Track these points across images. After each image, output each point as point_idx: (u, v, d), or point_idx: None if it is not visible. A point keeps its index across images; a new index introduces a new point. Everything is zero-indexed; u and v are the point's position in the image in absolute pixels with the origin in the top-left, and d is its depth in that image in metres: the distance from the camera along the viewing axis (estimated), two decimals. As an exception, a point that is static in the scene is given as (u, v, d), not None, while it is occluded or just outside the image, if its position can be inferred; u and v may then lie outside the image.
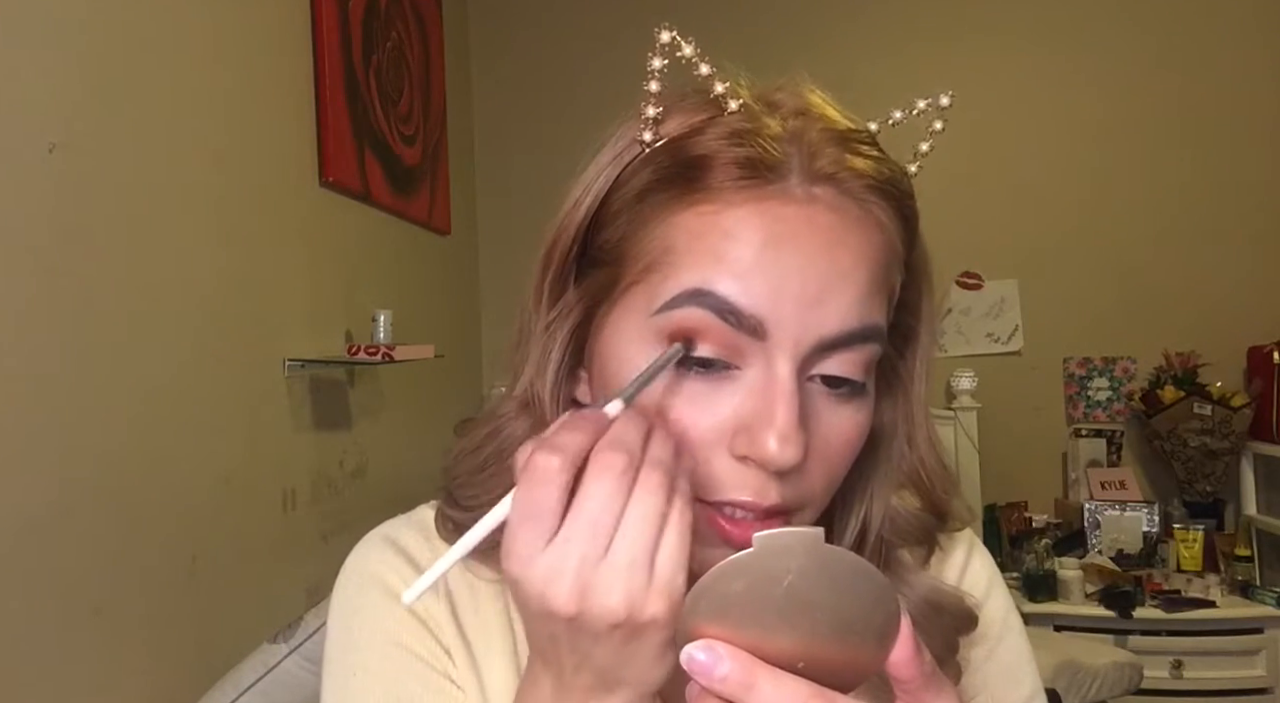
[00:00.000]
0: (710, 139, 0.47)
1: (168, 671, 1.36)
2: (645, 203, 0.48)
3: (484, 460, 0.54)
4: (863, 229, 0.47)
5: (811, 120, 0.48)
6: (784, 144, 0.46)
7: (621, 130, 0.52)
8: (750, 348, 0.45)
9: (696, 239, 0.46)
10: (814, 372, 0.47)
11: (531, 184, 3.09)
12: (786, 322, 0.45)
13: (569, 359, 0.52)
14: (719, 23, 2.74)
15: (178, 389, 1.43)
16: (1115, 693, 2.00)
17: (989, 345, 2.97)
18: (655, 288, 0.46)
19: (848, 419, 0.48)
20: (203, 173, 1.52)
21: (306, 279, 1.88)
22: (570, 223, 0.51)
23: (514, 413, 0.54)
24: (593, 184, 0.51)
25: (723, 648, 0.38)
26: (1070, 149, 2.95)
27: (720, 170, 0.46)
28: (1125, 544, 2.67)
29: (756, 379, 0.46)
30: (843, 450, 0.49)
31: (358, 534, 0.61)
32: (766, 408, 0.44)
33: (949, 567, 0.62)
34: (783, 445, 0.44)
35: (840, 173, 0.46)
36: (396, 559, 0.58)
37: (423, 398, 2.50)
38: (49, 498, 1.16)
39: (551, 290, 0.52)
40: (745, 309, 0.44)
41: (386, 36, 2.31)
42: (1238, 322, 2.81)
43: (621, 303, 0.49)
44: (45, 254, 1.17)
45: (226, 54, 1.61)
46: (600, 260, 0.50)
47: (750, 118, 0.47)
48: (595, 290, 0.50)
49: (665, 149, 0.48)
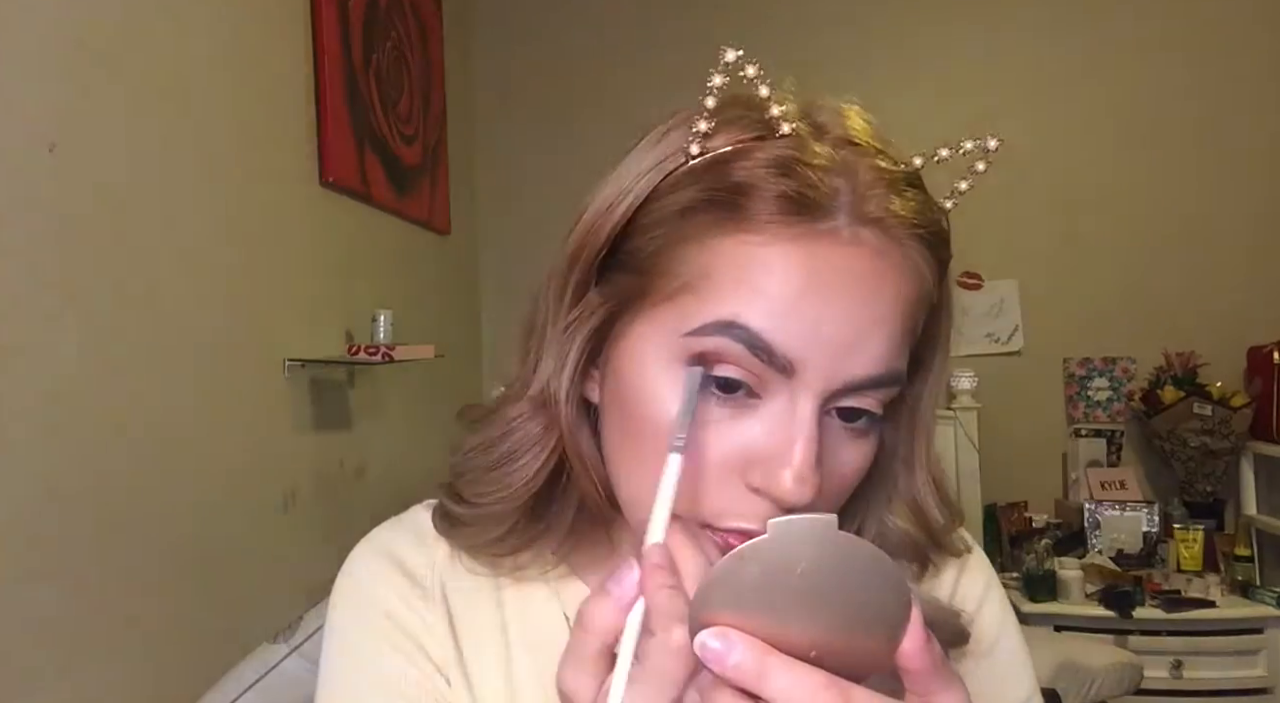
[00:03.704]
0: (758, 165, 0.46)
1: (168, 670, 1.36)
2: (687, 220, 0.47)
3: (496, 459, 0.54)
4: (901, 275, 0.47)
5: (860, 153, 0.47)
6: (832, 177, 0.46)
7: (662, 133, 0.50)
8: (775, 381, 0.45)
9: (737, 268, 0.45)
10: (831, 406, 0.47)
11: (531, 184, 3.11)
12: (817, 364, 0.45)
13: (585, 361, 0.52)
14: (719, 22, 2.74)
15: (178, 389, 1.43)
16: (1115, 693, 1.99)
17: (989, 345, 2.97)
18: (688, 310, 0.46)
19: (857, 452, 0.48)
20: (203, 173, 1.52)
21: (306, 279, 1.87)
22: (604, 225, 0.50)
23: (529, 412, 0.53)
24: (631, 188, 0.49)
25: (735, 635, 0.37)
26: (1071, 149, 2.95)
27: (767, 202, 0.45)
28: (1125, 544, 2.67)
29: (777, 413, 0.45)
30: (850, 480, 0.49)
31: (358, 534, 0.62)
32: (785, 445, 0.45)
33: (946, 568, 0.62)
34: (798, 485, 0.44)
35: (887, 218, 0.46)
36: (392, 573, 0.58)
37: (423, 398, 2.50)
38: (49, 497, 1.16)
39: (575, 291, 0.51)
40: (778, 348, 0.44)
41: (386, 36, 2.31)
42: (1238, 322, 2.81)
43: (648, 316, 0.48)
44: (44, 254, 1.17)
45: (227, 54, 1.61)
46: (629, 267, 0.50)
47: (799, 146, 0.46)
48: (620, 296, 0.50)
49: (711, 168, 0.47)
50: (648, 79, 2.50)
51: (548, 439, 0.52)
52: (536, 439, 0.53)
